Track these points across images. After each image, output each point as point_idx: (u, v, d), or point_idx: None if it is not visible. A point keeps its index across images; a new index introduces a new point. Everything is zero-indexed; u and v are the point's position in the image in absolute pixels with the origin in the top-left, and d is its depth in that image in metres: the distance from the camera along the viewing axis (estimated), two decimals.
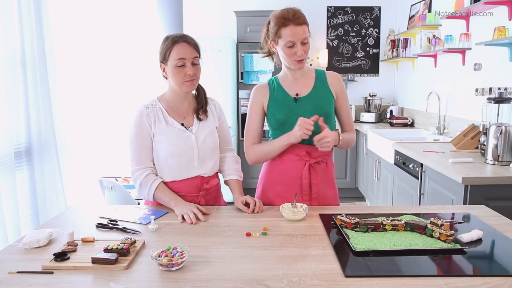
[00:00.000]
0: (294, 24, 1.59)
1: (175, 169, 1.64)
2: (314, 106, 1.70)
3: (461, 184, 2.07)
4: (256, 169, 4.69)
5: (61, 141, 2.57)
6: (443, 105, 3.71)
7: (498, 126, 2.29)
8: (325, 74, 1.78)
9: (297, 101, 1.72)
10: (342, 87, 1.78)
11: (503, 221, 1.47)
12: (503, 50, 2.79)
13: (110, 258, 1.11)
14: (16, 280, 1.04)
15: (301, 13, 1.62)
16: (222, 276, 1.06)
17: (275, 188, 1.76)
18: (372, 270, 1.09)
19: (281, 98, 1.73)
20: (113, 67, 3.50)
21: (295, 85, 1.75)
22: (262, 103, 1.76)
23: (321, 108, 1.70)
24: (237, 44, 4.58)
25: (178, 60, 1.56)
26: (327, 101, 1.73)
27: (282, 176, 1.74)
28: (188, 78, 1.58)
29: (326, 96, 1.74)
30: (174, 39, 1.58)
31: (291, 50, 1.62)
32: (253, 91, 1.79)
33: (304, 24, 1.61)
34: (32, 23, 2.30)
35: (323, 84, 1.75)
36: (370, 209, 1.60)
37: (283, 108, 1.71)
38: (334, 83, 1.76)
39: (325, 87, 1.75)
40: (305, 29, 1.61)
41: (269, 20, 1.67)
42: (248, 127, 1.81)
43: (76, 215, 1.59)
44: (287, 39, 1.60)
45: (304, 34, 1.60)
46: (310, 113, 1.65)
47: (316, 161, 1.72)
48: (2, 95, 2.10)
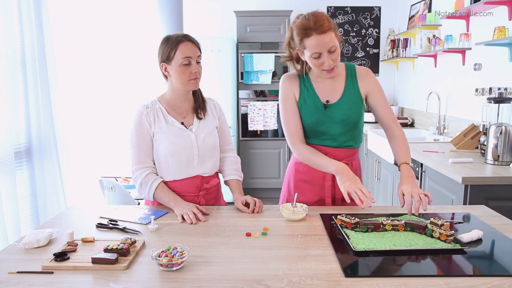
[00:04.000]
0: (317, 33, 1.45)
1: (175, 168, 1.64)
2: (343, 115, 1.64)
3: (461, 184, 2.07)
4: (256, 169, 4.70)
5: (61, 141, 2.57)
6: (443, 105, 3.71)
7: (498, 126, 2.29)
8: (355, 72, 1.68)
9: (326, 108, 1.65)
10: (374, 83, 1.68)
11: (503, 221, 1.47)
12: (503, 50, 2.79)
13: (110, 258, 1.11)
14: (16, 280, 1.04)
15: (324, 18, 1.47)
16: (222, 276, 1.06)
17: (299, 186, 1.75)
18: (372, 270, 1.09)
19: (312, 102, 1.66)
20: (113, 67, 3.50)
21: (326, 88, 1.67)
22: (294, 94, 1.68)
23: (350, 117, 1.65)
24: (237, 44, 4.58)
25: (184, 59, 1.56)
26: (356, 109, 1.66)
27: (307, 175, 1.73)
28: (193, 76, 1.59)
29: (356, 102, 1.66)
30: (178, 38, 1.58)
31: (318, 60, 1.51)
32: (282, 81, 1.71)
33: (329, 30, 1.46)
34: (32, 23, 2.29)
35: (354, 86, 1.67)
36: (370, 209, 1.60)
37: (313, 113, 1.65)
38: (365, 81, 1.67)
39: (355, 90, 1.67)
40: (331, 36, 1.47)
41: (291, 27, 1.56)
42: (287, 122, 1.68)
43: (76, 215, 1.59)
44: (312, 50, 1.48)
45: (330, 42, 1.46)
46: (339, 122, 1.63)
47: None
48: (2, 95, 2.10)
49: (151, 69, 3.50)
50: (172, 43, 1.58)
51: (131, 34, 3.62)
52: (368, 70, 1.71)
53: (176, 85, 1.63)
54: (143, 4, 3.68)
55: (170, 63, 1.59)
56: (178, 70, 1.57)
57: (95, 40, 3.32)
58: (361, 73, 1.69)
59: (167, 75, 1.64)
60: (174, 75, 1.59)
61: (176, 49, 1.56)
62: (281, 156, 4.70)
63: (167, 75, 1.64)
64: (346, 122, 1.65)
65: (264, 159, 4.71)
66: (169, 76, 1.63)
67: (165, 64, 1.61)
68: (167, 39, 1.60)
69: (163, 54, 1.60)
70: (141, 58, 3.64)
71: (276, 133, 4.68)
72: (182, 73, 1.58)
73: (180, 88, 1.63)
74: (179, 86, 1.62)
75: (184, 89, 1.63)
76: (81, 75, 3.18)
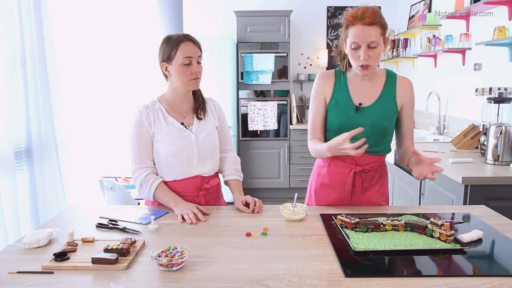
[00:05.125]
0: (361, 24, 1.45)
1: (175, 168, 1.64)
2: (373, 120, 1.59)
3: (461, 184, 2.07)
4: (256, 169, 4.70)
5: (61, 141, 2.57)
6: (443, 105, 3.71)
7: (498, 126, 2.29)
8: (395, 81, 1.65)
9: (358, 110, 1.61)
10: (410, 97, 1.65)
11: (503, 221, 1.47)
12: (503, 50, 2.79)
13: (110, 258, 1.11)
14: (16, 280, 1.04)
15: (374, 13, 1.46)
16: (222, 276, 1.06)
17: (321, 190, 1.74)
18: (372, 270, 1.09)
19: (343, 103, 1.63)
20: (113, 67, 3.49)
21: (362, 89, 1.63)
22: (325, 94, 1.66)
23: (380, 124, 1.60)
24: (237, 44, 4.58)
25: (185, 59, 1.56)
26: (389, 116, 1.62)
27: (327, 179, 1.71)
28: (194, 76, 1.59)
29: (390, 110, 1.62)
30: (179, 38, 1.58)
31: (356, 52, 1.49)
32: (317, 79, 1.69)
33: (375, 25, 1.45)
34: (32, 23, 2.29)
35: (391, 94, 1.63)
36: (370, 209, 1.60)
37: (342, 115, 1.62)
38: (403, 93, 1.64)
39: (391, 98, 1.63)
40: (375, 31, 1.46)
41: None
42: (310, 119, 1.70)
43: (76, 215, 1.59)
44: (352, 39, 1.48)
45: (371, 37, 1.45)
46: (368, 127, 1.57)
47: (363, 169, 1.65)
48: (2, 95, 2.10)
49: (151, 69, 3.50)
50: (173, 42, 1.58)
51: (131, 34, 3.62)
52: (410, 83, 1.67)
53: (176, 85, 1.63)
54: (143, 4, 3.68)
55: (171, 62, 1.59)
56: (179, 69, 1.57)
57: (95, 40, 3.31)
58: (402, 83, 1.65)
59: (167, 75, 1.64)
60: (175, 75, 1.60)
61: (177, 49, 1.57)
62: (281, 156, 4.70)
63: (167, 75, 1.64)
64: (375, 128, 1.60)
65: (264, 159, 4.71)
66: (169, 76, 1.63)
67: (166, 64, 1.61)
68: (168, 38, 1.60)
69: (164, 53, 1.60)
70: (141, 58, 3.64)
71: (276, 133, 4.68)
72: (183, 73, 1.58)
73: (180, 88, 1.63)
74: (179, 86, 1.62)
75: (185, 89, 1.63)
76: (81, 75, 3.18)
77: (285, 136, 4.67)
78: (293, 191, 4.68)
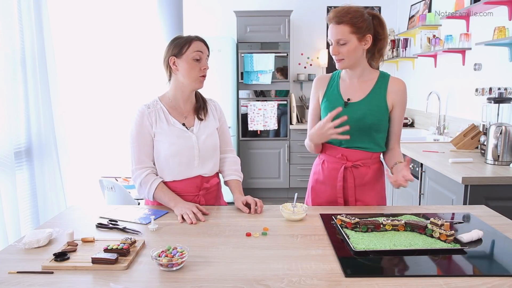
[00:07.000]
0: (333, 23, 1.59)
1: (176, 169, 1.64)
2: (360, 115, 1.64)
3: (461, 184, 2.07)
4: (256, 169, 4.69)
5: (61, 141, 2.57)
6: (443, 105, 3.71)
7: (498, 126, 2.29)
8: (387, 81, 1.69)
9: (346, 105, 1.67)
10: (402, 98, 1.68)
11: (503, 221, 1.47)
12: (503, 50, 2.79)
13: (110, 258, 1.11)
14: (16, 280, 1.04)
15: (345, 13, 1.56)
16: (222, 276, 1.06)
17: (316, 187, 1.80)
18: (372, 270, 1.09)
19: (333, 99, 1.71)
20: (113, 67, 3.49)
21: (352, 87, 1.70)
22: (318, 96, 1.77)
23: (367, 118, 1.64)
24: (237, 44, 4.58)
25: (196, 53, 1.59)
26: (377, 112, 1.65)
27: (322, 175, 1.76)
28: (202, 73, 1.62)
29: (378, 106, 1.66)
30: (191, 37, 1.63)
31: (331, 48, 1.63)
32: (313, 83, 1.80)
33: (343, 23, 1.56)
34: (32, 23, 2.29)
35: (381, 92, 1.67)
36: (370, 209, 1.60)
37: (331, 109, 1.62)
38: (395, 92, 1.67)
39: (381, 96, 1.67)
40: (343, 29, 1.56)
41: None
42: (308, 120, 1.84)
43: (76, 215, 1.59)
44: (328, 37, 1.63)
45: (338, 34, 1.57)
46: (355, 121, 1.61)
47: (354, 164, 1.68)
48: (2, 95, 2.10)
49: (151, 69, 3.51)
50: (186, 39, 1.62)
51: (131, 34, 3.62)
52: (403, 84, 1.70)
53: (183, 80, 1.62)
54: (143, 4, 3.68)
55: (181, 56, 1.60)
56: (189, 64, 1.59)
57: (95, 40, 3.31)
58: (394, 83, 1.69)
59: (174, 71, 1.63)
60: (183, 70, 1.60)
61: (190, 44, 1.60)
62: (281, 156, 4.70)
63: (174, 71, 1.63)
64: (362, 123, 1.63)
65: (264, 159, 4.71)
66: (176, 72, 1.63)
67: (175, 58, 1.61)
68: (179, 37, 1.64)
69: (174, 48, 1.61)
70: (141, 58, 3.64)
71: (276, 133, 4.68)
72: (192, 68, 1.60)
73: (186, 85, 1.63)
74: (186, 82, 1.62)
75: (190, 86, 1.63)
76: (81, 75, 3.17)
77: (285, 136, 4.67)
78: (293, 191, 4.68)
